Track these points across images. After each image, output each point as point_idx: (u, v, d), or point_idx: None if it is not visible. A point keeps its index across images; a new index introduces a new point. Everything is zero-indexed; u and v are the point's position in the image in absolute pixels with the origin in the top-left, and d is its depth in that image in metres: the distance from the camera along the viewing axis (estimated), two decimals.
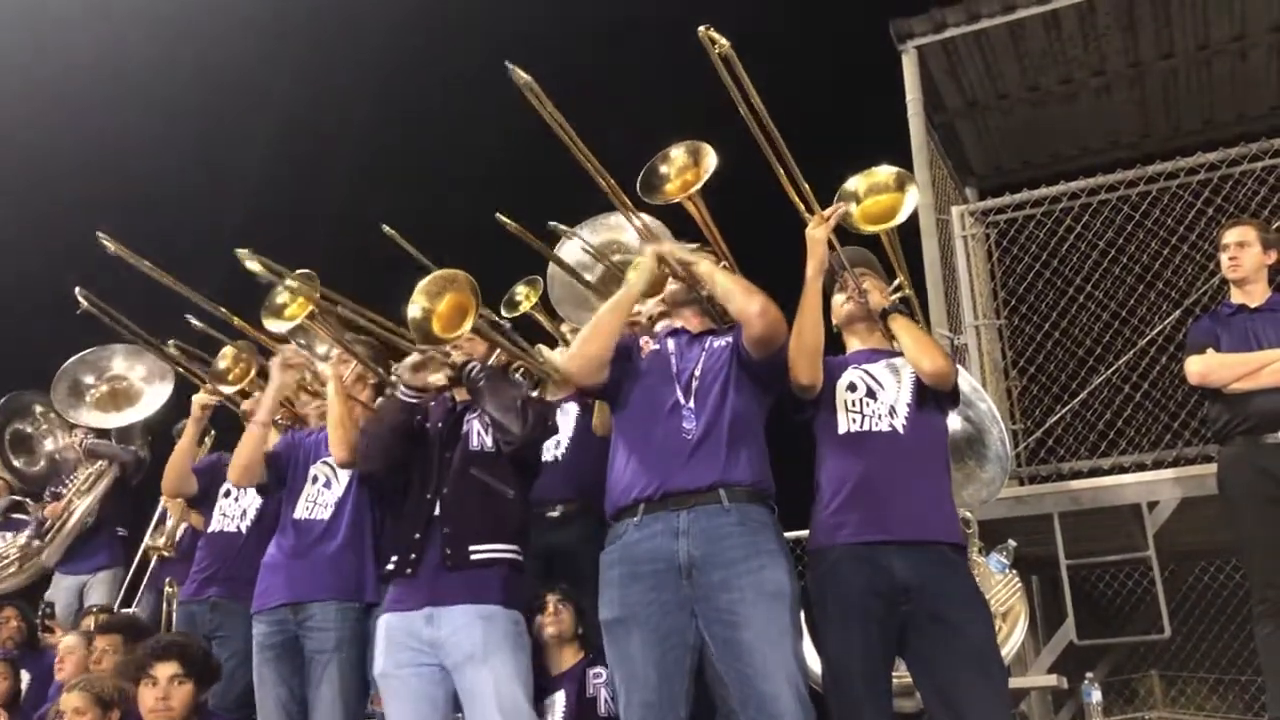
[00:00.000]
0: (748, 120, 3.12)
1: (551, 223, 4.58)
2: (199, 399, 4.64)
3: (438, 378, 3.58)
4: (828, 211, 3.24)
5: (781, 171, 3.24)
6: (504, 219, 4.30)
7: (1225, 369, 4.29)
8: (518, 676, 3.29)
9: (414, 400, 3.57)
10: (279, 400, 4.28)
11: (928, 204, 6.38)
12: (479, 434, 3.57)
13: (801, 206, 3.27)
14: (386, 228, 4.54)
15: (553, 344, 4.53)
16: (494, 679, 3.23)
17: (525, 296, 4.66)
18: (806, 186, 3.27)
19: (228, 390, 4.56)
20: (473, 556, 3.37)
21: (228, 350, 4.60)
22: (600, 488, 3.37)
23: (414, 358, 3.55)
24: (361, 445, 3.70)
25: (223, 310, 4.35)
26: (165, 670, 3.71)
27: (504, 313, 4.65)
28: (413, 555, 3.42)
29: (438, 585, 3.36)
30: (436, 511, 3.46)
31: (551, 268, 4.70)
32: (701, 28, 3.00)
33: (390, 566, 3.48)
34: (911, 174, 3.53)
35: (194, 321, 4.61)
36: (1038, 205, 6.47)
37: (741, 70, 3.05)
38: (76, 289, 4.53)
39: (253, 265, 3.88)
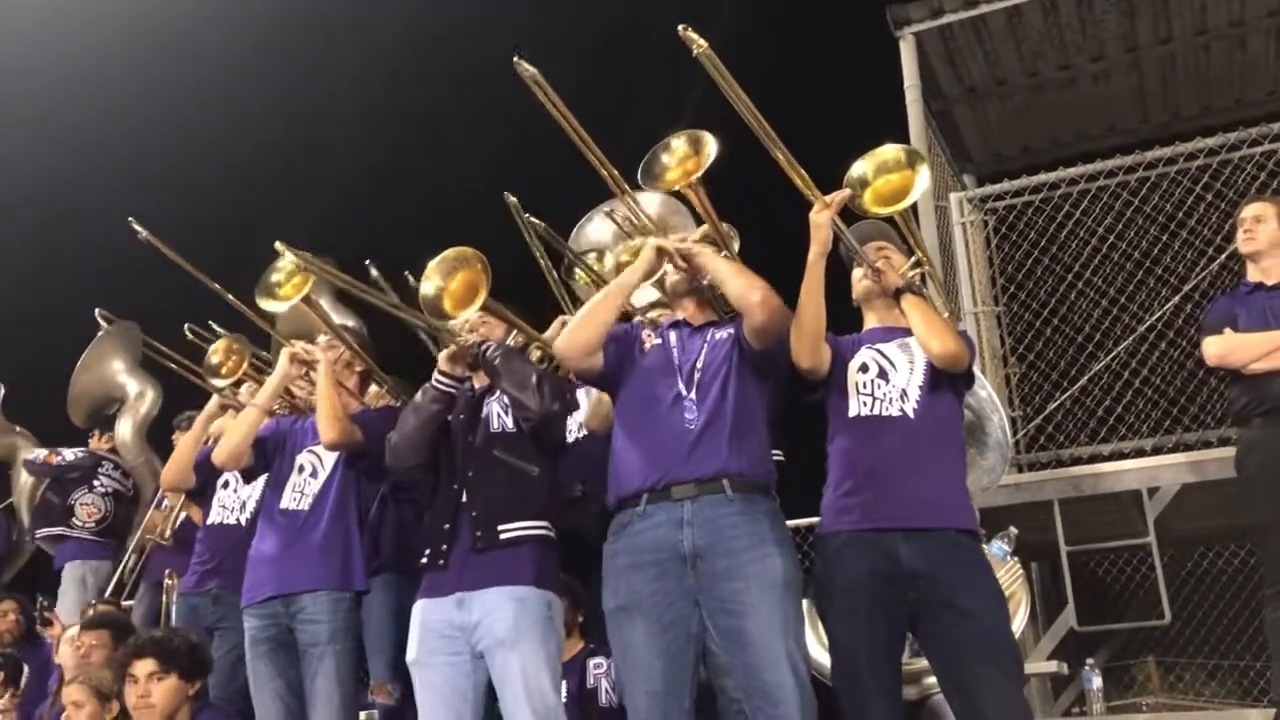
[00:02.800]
0: (739, 111, 3.10)
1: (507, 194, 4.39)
2: (220, 400, 4.63)
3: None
4: (831, 196, 3.20)
5: (781, 159, 3.21)
6: (511, 198, 4.18)
7: (1245, 349, 4.22)
8: (546, 663, 3.27)
9: (451, 390, 3.56)
10: (282, 389, 4.25)
11: (926, 190, 6.35)
12: (499, 415, 3.57)
13: (806, 192, 3.25)
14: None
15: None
16: (522, 665, 3.23)
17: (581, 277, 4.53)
18: (806, 174, 3.24)
19: (221, 384, 4.56)
20: (502, 536, 3.36)
21: (219, 344, 4.59)
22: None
23: (450, 349, 3.56)
24: (392, 444, 3.66)
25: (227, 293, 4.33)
26: (143, 668, 3.75)
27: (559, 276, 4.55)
28: (444, 546, 3.41)
29: (468, 569, 3.35)
30: (464, 499, 3.46)
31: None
32: (681, 28, 2.99)
33: (423, 560, 3.46)
34: (920, 151, 3.50)
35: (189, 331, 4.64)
36: (1036, 192, 6.44)
37: (723, 66, 3.03)
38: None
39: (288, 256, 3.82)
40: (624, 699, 3.05)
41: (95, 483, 6.59)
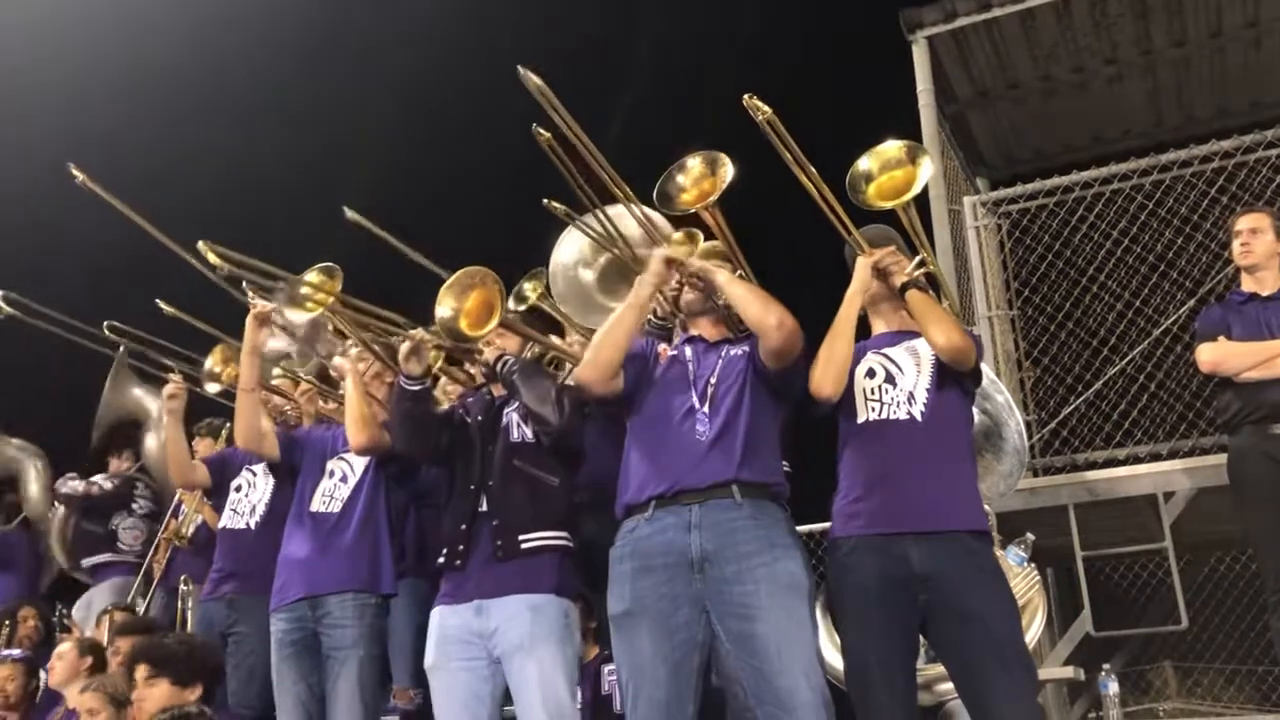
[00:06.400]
0: (796, 174, 3.24)
1: (547, 200, 4.53)
2: (166, 390, 4.65)
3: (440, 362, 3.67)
4: (881, 257, 3.28)
5: (831, 216, 3.32)
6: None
7: (1239, 357, 4.27)
8: (562, 668, 3.30)
9: (415, 389, 3.55)
10: (257, 359, 4.17)
11: (940, 195, 6.33)
12: (518, 425, 3.58)
13: (849, 239, 3.36)
14: (349, 211, 4.36)
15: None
16: (539, 670, 3.25)
17: (532, 290, 4.63)
18: (850, 223, 3.34)
19: (214, 389, 4.60)
20: (523, 546, 3.39)
21: (216, 351, 4.63)
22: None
23: (404, 347, 3.54)
24: (392, 432, 3.74)
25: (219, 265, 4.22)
26: (140, 672, 3.79)
27: (512, 306, 4.64)
28: (461, 547, 3.44)
29: (488, 577, 3.38)
30: (483, 506, 3.47)
31: (552, 264, 4.69)
32: (746, 97, 3.14)
33: (440, 560, 3.50)
34: (922, 145, 3.54)
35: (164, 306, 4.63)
36: (1050, 195, 6.42)
37: (786, 134, 3.19)
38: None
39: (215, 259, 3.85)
40: (626, 705, 3.03)
41: (133, 505, 6.58)
